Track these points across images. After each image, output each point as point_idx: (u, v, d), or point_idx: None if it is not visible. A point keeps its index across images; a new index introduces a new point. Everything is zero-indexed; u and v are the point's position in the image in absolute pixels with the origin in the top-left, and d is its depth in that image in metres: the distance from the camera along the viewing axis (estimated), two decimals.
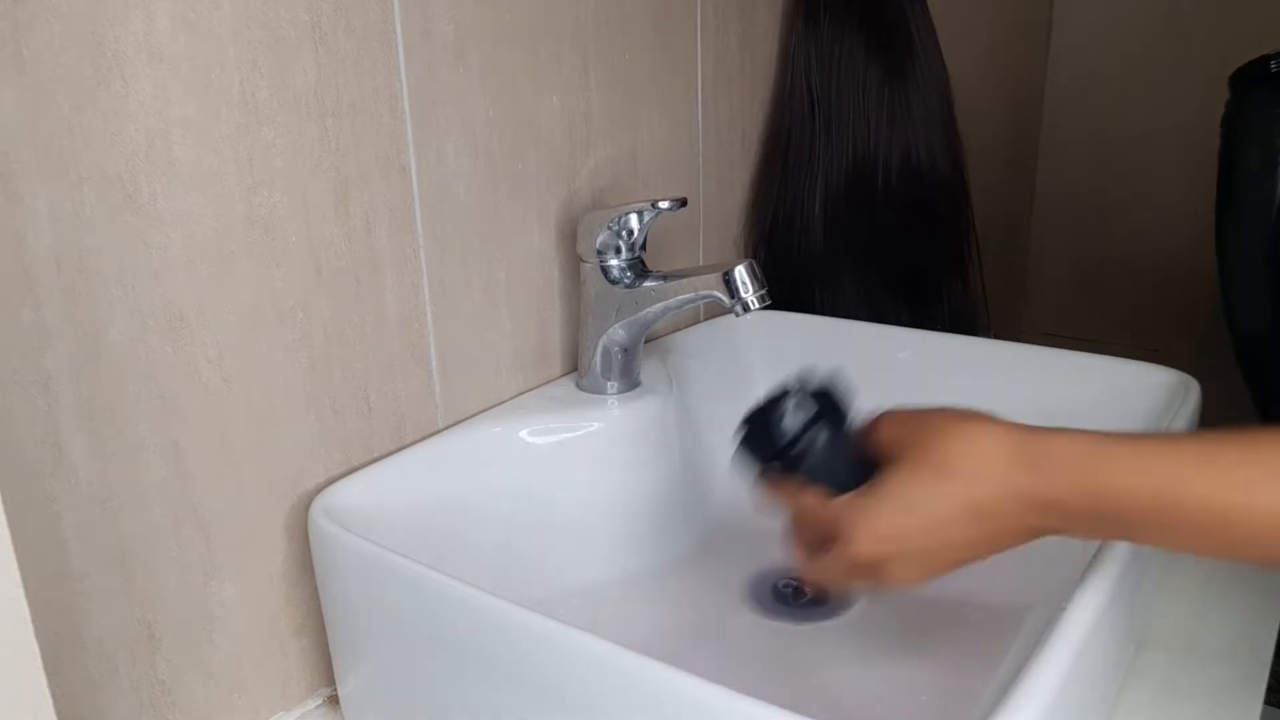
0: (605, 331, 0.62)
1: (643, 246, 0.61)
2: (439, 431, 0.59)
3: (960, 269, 1.00)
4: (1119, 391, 0.62)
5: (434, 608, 0.43)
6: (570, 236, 0.65)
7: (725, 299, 0.56)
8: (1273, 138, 0.88)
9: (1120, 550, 0.43)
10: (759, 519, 0.70)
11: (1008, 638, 0.54)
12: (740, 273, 0.56)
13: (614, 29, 0.67)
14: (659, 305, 0.60)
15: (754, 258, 0.56)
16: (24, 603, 0.25)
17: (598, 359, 0.63)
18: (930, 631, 0.57)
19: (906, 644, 0.56)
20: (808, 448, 0.46)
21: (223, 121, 0.45)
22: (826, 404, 0.47)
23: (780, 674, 0.55)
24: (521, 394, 0.65)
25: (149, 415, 0.44)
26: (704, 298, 0.58)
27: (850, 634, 0.57)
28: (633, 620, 0.59)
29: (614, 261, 0.61)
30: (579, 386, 0.65)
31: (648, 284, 0.60)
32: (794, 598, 0.61)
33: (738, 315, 0.56)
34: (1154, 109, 1.49)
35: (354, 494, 0.52)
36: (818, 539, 0.46)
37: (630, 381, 0.65)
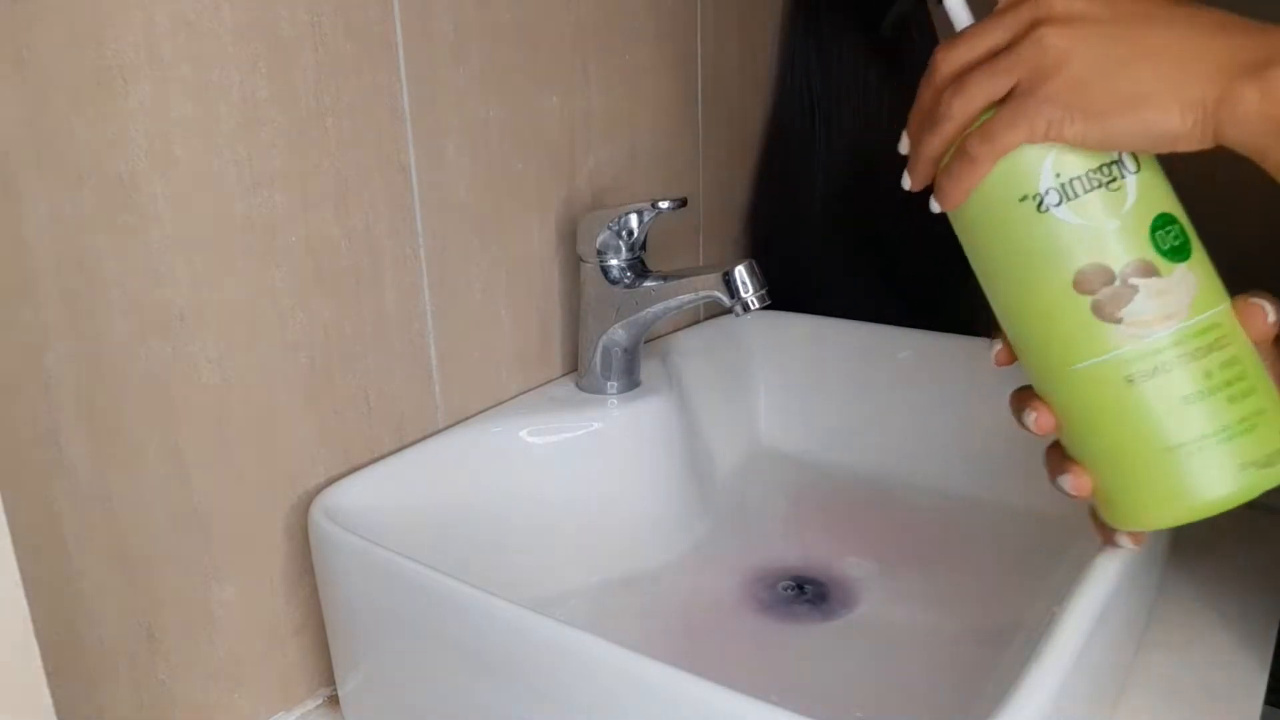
0: (605, 331, 0.62)
1: (643, 246, 0.61)
2: (439, 431, 0.59)
3: (960, 268, 1.00)
4: None
5: (434, 608, 0.43)
6: (570, 236, 0.65)
7: (725, 299, 0.56)
8: None
9: (1120, 551, 0.43)
10: (759, 520, 0.70)
11: (1008, 637, 0.54)
12: (740, 273, 0.56)
13: (614, 29, 0.67)
14: (659, 305, 0.60)
15: (754, 258, 0.57)
16: (24, 603, 0.25)
17: (598, 359, 0.63)
18: (931, 632, 0.57)
19: (907, 644, 0.56)
20: None
21: (223, 121, 0.45)
22: None
23: (780, 674, 0.55)
24: (521, 394, 0.65)
25: (149, 415, 0.44)
26: (704, 298, 0.58)
27: (851, 634, 0.57)
28: (633, 620, 0.59)
29: (614, 261, 0.61)
30: (579, 386, 0.65)
31: (648, 284, 0.60)
32: (794, 599, 0.61)
33: (738, 315, 0.56)
34: None
35: (354, 494, 0.52)
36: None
37: (630, 381, 0.65)
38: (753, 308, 0.56)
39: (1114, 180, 0.39)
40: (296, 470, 0.51)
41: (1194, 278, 0.39)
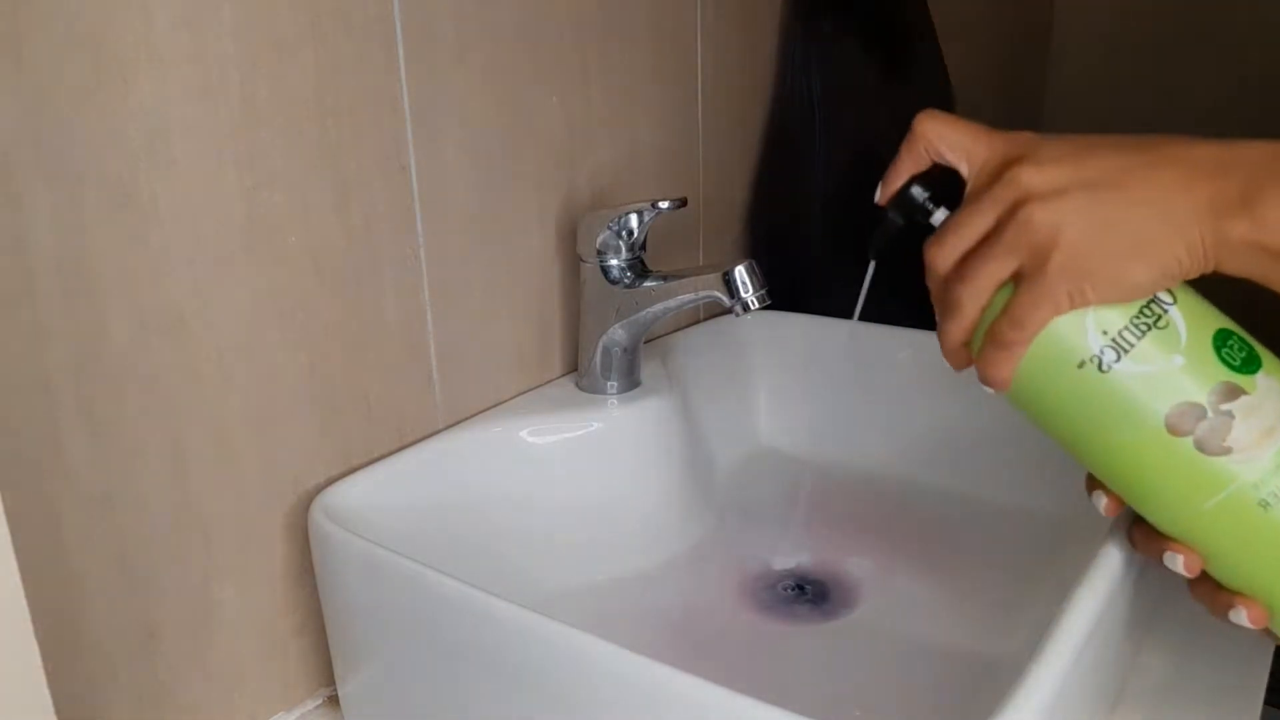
0: (605, 331, 0.62)
1: (643, 246, 0.61)
2: (439, 431, 0.59)
3: None
4: None
5: (434, 607, 0.43)
6: (570, 236, 0.65)
7: (725, 299, 0.56)
8: None
9: (1119, 550, 0.43)
10: (759, 520, 0.70)
11: (1008, 637, 0.54)
12: (740, 273, 0.56)
13: (614, 29, 0.67)
14: (659, 305, 0.60)
15: (754, 258, 0.57)
16: (24, 603, 0.25)
17: (598, 359, 0.63)
18: (931, 631, 0.57)
19: (907, 644, 0.56)
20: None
21: (223, 121, 0.45)
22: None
23: (780, 674, 0.55)
24: (521, 394, 0.65)
25: (149, 415, 0.44)
26: (704, 298, 0.58)
27: (851, 634, 0.57)
28: (632, 620, 0.59)
29: (614, 261, 0.61)
30: (579, 386, 0.65)
31: (648, 284, 0.60)
32: (794, 599, 0.61)
33: (738, 315, 0.56)
34: (1154, 110, 1.49)
35: (354, 494, 0.52)
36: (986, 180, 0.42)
37: (630, 381, 0.65)
38: (753, 308, 0.56)
39: (1159, 318, 0.39)
40: (296, 470, 0.51)
41: (1276, 381, 0.39)
